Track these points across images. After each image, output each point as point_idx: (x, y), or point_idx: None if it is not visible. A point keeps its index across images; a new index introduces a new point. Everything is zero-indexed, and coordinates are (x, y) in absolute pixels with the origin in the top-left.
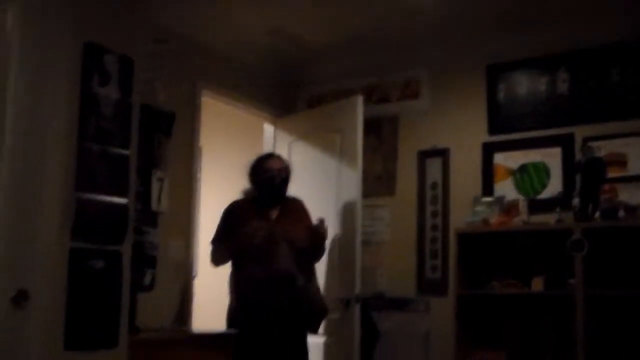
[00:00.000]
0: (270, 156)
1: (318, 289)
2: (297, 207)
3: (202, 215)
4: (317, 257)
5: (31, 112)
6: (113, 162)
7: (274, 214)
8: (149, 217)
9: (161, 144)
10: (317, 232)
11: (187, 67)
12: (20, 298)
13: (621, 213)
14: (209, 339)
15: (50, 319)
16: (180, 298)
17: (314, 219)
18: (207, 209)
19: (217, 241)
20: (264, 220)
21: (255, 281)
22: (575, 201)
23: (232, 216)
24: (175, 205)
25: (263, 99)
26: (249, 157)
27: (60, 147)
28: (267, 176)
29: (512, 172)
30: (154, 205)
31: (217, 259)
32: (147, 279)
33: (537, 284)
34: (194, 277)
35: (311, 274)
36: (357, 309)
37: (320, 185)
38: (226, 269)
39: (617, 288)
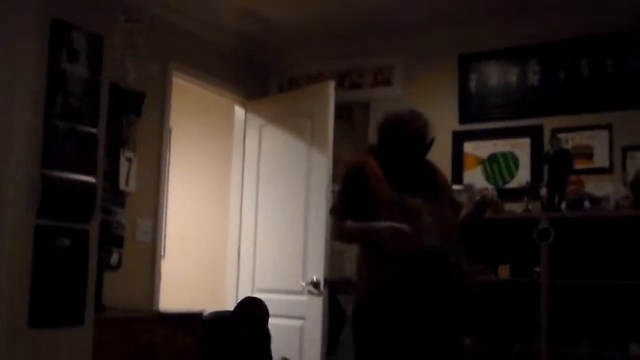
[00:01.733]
0: (413, 115)
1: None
2: (436, 173)
3: (170, 196)
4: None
5: None
6: (81, 140)
7: (413, 180)
8: (117, 197)
9: (130, 124)
10: (482, 202)
11: (158, 48)
12: None
13: (586, 204)
14: (176, 319)
15: (14, 296)
16: (148, 278)
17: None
18: (176, 190)
19: (338, 212)
20: (401, 189)
21: (397, 261)
22: (543, 191)
23: (360, 182)
24: (144, 185)
25: (234, 82)
26: (219, 139)
27: (26, 123)
28: (411, 141)
29: (481, 161)
30: (122, 185)
31: (339, 235)
32: (114, 259)
33: (504, 272)
34: (162, 257)
35: (463, 254)
36: (325, 292)
37: (291, 169)
38: (195, 250)
39: (581, 276)
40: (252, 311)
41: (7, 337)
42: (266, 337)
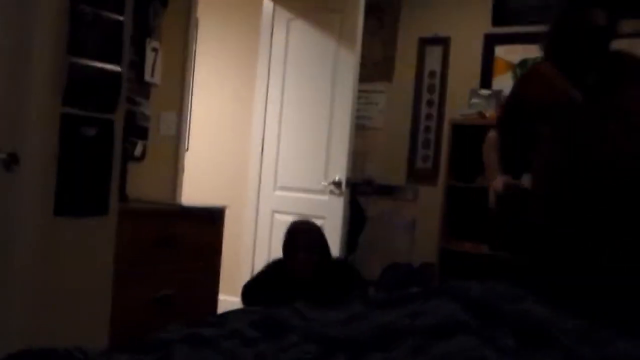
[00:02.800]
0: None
1: None
2: (631, 68)
3: (195, 90)
4: None
5: None
6: (106, 28)
7: (595, 79)
8: (142, 88)
9: (157, 13)
10: None
11: None
12: (11, 161)
13: None
14: (198, 212)
15: (40, 184)
16: (171, 171)
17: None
18: (201, 84)
19: (500, 124)
20: (578, 89)
21: (557, 171)
22: None
23: (532, 84)
24: (169, 77)
25: None
26: (246, 33)
27: (51, 7)
28: (583, 31)
29: (511, 67)
30: (147, 76)
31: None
32: (138, 150)
33: (528, 180)
34: (186, 150)
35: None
36: (346, 193)
37: (317, 66)
38: (219, 145)
39: None
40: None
41: (33, 225)
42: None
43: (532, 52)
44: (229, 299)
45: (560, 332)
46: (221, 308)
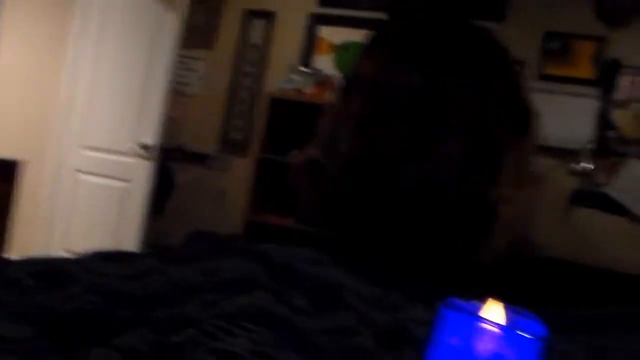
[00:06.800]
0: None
1: None
2: None
3: (3, 35)
4: None
5: None
6: None
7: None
8: None
9: None
10: None
11: None
12: None
13: None
14: None
15: None
16: None
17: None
18: (10, 29)
19: None
20: None
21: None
22: None
23: None
24: None
25: None
26: (54, 13)
27: None
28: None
29: (334, 48)
30: None
31: None
32: None
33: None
34: None
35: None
36: (156, 158)
37: (137, 27)
38: (21, 95)
39: None
40: None
41: None
42: None
43: (355, 36)
44: None
45: (354, 297)
46: None
